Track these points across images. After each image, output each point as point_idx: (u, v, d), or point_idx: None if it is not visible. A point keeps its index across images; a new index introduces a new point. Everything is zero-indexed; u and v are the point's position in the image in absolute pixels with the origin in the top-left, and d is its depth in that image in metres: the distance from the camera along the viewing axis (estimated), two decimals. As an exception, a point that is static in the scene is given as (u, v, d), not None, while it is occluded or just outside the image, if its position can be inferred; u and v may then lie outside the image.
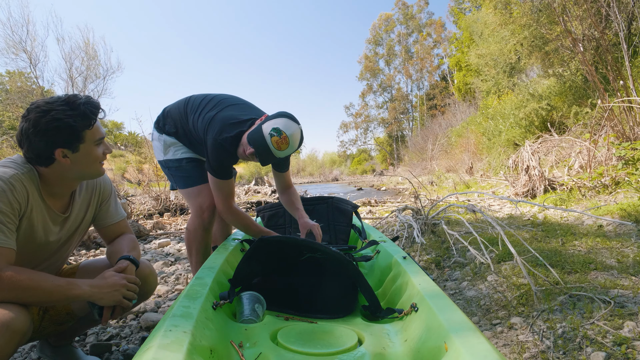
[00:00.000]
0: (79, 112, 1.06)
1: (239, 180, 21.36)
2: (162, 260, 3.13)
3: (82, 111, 1.06)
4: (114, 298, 1.07)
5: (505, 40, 9.86)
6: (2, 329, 0.87)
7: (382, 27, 41.75)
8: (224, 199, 1.69)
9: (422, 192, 8.38)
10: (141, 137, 9.30)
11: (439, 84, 37.28)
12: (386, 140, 41.76)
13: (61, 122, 1.03)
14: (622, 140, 4.26)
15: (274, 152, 1.50)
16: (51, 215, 1.15)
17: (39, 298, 0.99)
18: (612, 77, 4.62)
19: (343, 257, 1.31)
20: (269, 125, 1.49)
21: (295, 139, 1.51)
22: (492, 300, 1.82)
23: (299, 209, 1.89)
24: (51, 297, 0.99)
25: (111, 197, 1.37)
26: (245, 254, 1.33)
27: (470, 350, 0.71)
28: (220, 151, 1.58)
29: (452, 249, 2.67)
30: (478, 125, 12.47)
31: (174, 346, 0.71)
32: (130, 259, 1.21)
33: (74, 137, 1.07)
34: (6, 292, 0.94)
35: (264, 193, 11.36)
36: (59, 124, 1.03)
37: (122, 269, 1.15)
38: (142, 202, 6.88)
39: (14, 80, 14.55)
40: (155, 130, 1.88)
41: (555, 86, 9.05)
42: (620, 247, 2.42)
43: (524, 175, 5.22)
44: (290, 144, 1.50)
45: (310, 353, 0.96)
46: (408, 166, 21.81)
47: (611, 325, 1.38)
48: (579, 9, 5.68)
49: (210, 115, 1.64)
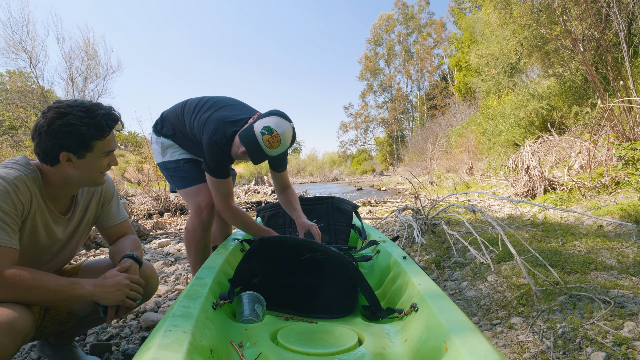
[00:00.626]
0: (94, 122, 1.06)
1: (239, 180, 21.36)
2: (162, 260, 3.13)
3: (98, 122, 1.07)
4: (117, 298, 1.07)
5: (506, 40, 9.86)
6: (6, 328, 0.87)
7: (382, 27, 41.77)
8: (223, 198, 1.70)
9: (422, 192, 8.39)
10: (141, 137, 9.30)
11: (439, 84, 37.27)
12: (386, 140, 41.76)
13: (74, 127, 1.04)
14: (622, 141, 4.26)
15: (265, 150, 1.50)
16: (53, 217, 1.16)
17: (42, 297, 0.99)
18: (612, 77, 4.62)
19: (343, 257, 1.31)
20: (260, 123, 1.49)
21: (286, 138, 1.51)
22: (492, 300, 1.83)
23: (296, 209, 1.90)
24: (54, 296, 1.00)
25: (113, 199, 1.38)
26: (245, 254, 1.33)
27: (470, 350, 0.71)
28: (215, 150, 1.59)
29: (452, 249, 2.67)
30: (478, 126, 12.47)
31: (174, 346, 0.71)
32: (134, 258, 1.22)
33: (82, 145, 1.07)
34: (10, 292, 0.94)
35: (264, 193, 11.35)
36: (71, 129, 1.04)
37: (126, 268, 1.15)
38: (142, 202, 6.88)
39: (14, 80, 14.56)
40: (153, 134, 1.92)
41: (555, 86, 9.05)
42: (620, 248, 2.42)
43: (524, 175, 5.22)
44: (282, 143, 1.50)
45: (310, 353, 0.96)
46: (408, 166, 21.80)
47: (611, 326, 1.38)
48: (579, 9, 5.68)
49: (206, 116, 1.66)
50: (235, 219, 1.75)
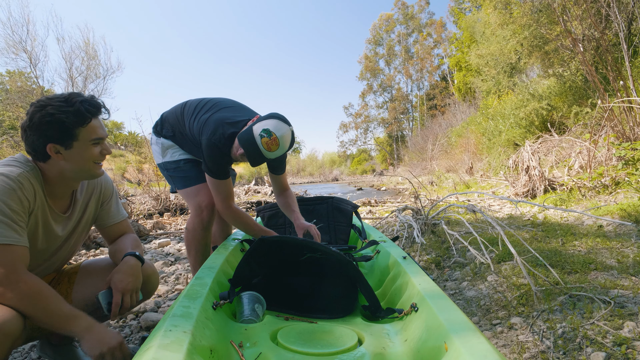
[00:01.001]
0: (74, 110, 1.06)
1: (239, 180, 21.35)
2: (162, 260, 3.13)
3: (77, 109, 1.06)
4: (94, 352, 1.00)
5: (506, 40, 9.86)
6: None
7: (382, 27, 41.76)
8: (223, 198, 1.71)
9: (422, 192, 8.39)
10: (141, 137, 9.29)
11: (439, 84, 37.26)
12: (386, 140, 41.76)
13: (53, 117, 1.04)
14: (622, 141, 4.26)
15: (264, 153, 1.50)
16: (53, 215, 1.16)
17: (39, 316, 0.98)
18: (612, 77, 4.62)
19: (343, 257, 1.31)
20: (259, 126, 1.50)
21: (285, 141, 1.51)
22: (492, 300, 1.82)
23: (295, 211, 1.92)
24: (49, 320, 0.99)
25: (112, 198, 1.38)
26: (245, 254, 1.33)
27: (470, 350, 0.71)
28: (214, 151, 1.60)
29: (452, 249, 2.67)
30: (478, 126, 12.47)
31: (174, 346, 0.71)
32: (136, 256, 1.22)
33: (65, 134, 1.06)
34: (16, 300, 0.93)
35: (264, 193, 11.35)
36: (50, 119, 1.04)
37: (119, 346, 1.03)
38: (142, 202, 6.88)
39: (14, 80, 14.55)
40: (153, 135, 1.93)
41: (555, 86, 9.05)
42: (620, 247, 2.42)
43: (524, 175, 5.22)
44: (281, 146, 1.50)
45: (310, 353, 0.96)
46: (408, 166, 21.80)
47: (611, 326, 1.38)
48: (579, 9, 5.68)
49: (205, 117, 1.67)
50: (235, 220, 1.75)
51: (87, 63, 13.70)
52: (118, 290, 1.15)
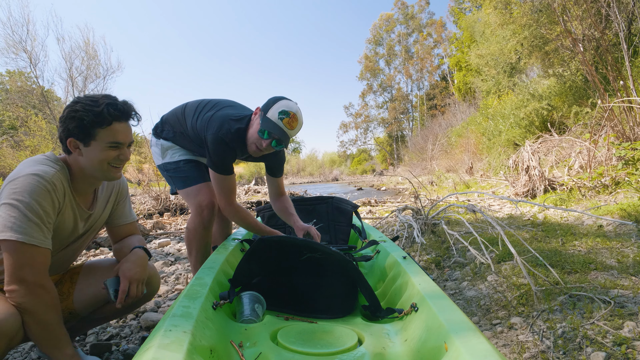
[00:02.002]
0: (97, 110, 1.10)
1: (239, 180, 21.36)
2: (162, 260, 3.13)
3: (100, 110, 1.10)
4: None
5: (506, 40, 9.86)
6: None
7: (382, 27, 41.77)
8: (226, 195, 1.72)
9: (422, 192, 8.39)
10: (141, 137, 9.24)
11: (439, 84, 37.26)
12: (386, 140, 41.75)
13: (77, 113, 1.09)
14: (622, 140, 4.26)
15: (288, 132, 1.61)
16: (79, 210, 1.20)
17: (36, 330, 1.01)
18: (612, 77, 4.62)
19: (343, 257, 1.31)
20: (274, 111, 1.59)
21: (300, 115, 1.65)
22: (492, 300, 1.82)
23: (292, 214, 1.95)
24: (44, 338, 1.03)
25: (127, 198, 1.42)
26: (245, 254, 1.33)
27: (470, 350, 0.71)
28: (221, 146, 1.63)
29: (452, 249, 2.67)
30: (478, 125, 12.47)
31: (174, 346, 0.71)
32: (144, 249, 1.26)
33: (83, 131, 1.10)
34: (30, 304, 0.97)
35: (264, 193, 11.36)
36: (74, 114, 1.09)
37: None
38: (142, 202, 6.88)
39: (14, 79, 14.56)
40: (153, 137, 1.96)
41: (555, 86, 9.05)
42: (620, 247, 2.42)
43: (524, 175, 5.22)
44: (299, 121, 1.63)
45: (310, 353, 0.96)
46: (408, 166, 21.80)
47: (611, 325, 1.38)
48: (579, 9, 5.69)
49: (209, 115, 1.70)
50: (237, 217, 1.76)
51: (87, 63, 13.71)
52: (126, 277, 1.18)
